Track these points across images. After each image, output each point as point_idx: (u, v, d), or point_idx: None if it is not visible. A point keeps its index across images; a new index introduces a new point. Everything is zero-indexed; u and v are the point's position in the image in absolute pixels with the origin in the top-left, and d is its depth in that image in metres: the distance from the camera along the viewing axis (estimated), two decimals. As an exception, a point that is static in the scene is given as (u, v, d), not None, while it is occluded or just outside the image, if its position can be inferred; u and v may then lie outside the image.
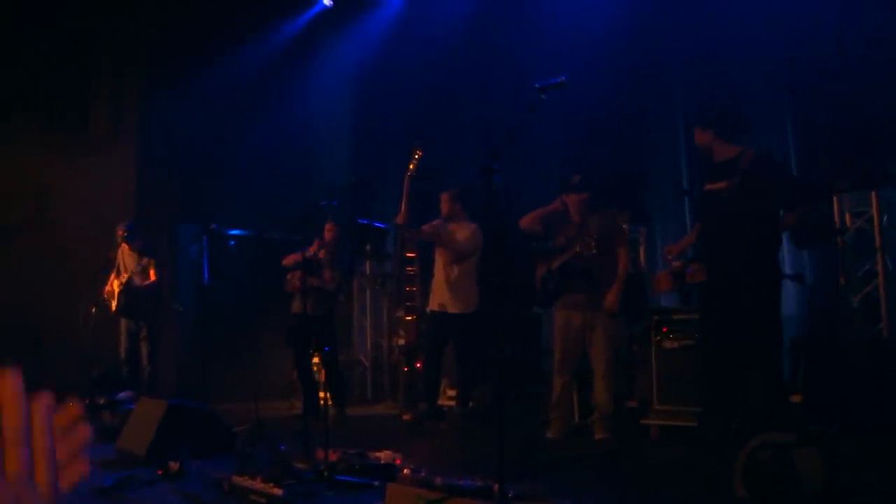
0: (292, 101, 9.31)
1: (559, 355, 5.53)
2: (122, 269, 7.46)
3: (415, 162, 5.98)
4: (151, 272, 7.39)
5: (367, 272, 8.90)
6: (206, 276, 7.80)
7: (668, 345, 5.51)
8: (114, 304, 7.36)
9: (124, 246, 7.46)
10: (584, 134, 7.50)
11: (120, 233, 7.38)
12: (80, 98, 9.10)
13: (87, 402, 6.24)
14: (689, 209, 6.79)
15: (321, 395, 6.70)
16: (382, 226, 8.52)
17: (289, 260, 6.81)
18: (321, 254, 6.72)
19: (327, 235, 6.82)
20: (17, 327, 7.50)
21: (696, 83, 7.04)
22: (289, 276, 6.78)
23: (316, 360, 7.14)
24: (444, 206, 6.35)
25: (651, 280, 5.97)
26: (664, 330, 5.53)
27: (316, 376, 7.10)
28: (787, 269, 5.80)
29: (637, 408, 5.62)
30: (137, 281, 7.36)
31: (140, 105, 8.95)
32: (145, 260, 7.42)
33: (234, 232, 8.61)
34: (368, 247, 8.26)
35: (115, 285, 7.40)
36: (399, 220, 6.10)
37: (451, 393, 6.91)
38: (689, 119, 6.72)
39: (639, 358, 5.66)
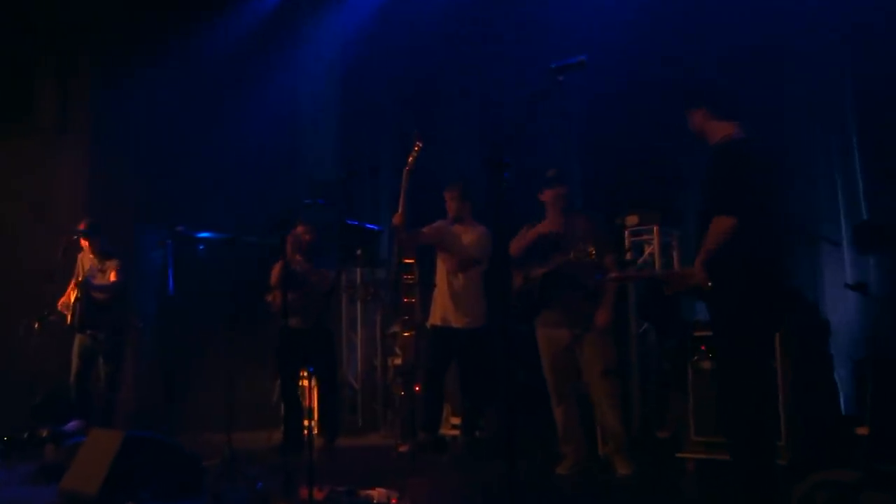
0: (272, 87, 9.29)
1: (550, 380, 5.50)
2: (80, 275, 7.40)
3: (414, 154, 5.97)
4: (112, 273, 7.32)
5: (358, 281, 8.85)
6: (171, 285, 7.72)
7: (706, 365, 5.41)
8: (70, 316, 7.29)
9: (86, 248, 7.39)
10: (607, 123, 7.44)
11: (81, 229, 7.30)
12: (20, 84, 9.04)
13: (27, 434, 6.17)
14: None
15: (305, 423, 6.64)
16: (375, 227, 8.49)
17: (275, 277, 6.76)
18: (296, 257, 6.67)
19: (304, 238, 6.77)
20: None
21: (734, 66, 6.97)
22: (269, 294, 6.75)
23: (305, 383, 7.08)
24: (451, 205, 6.33)
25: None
26: (702, 348, 5.44)
27: (302, 401, 7.04)
28: (849, 279, 5.72)
29: (670, 439, 5.55)
30: (95, 281, 7.27)
31: (92, 91, 8.92)
32: (107, 263, 7.36)
33: (203, 235, 8.49)
34: (359, 251, 8.20)
35: (72, 295, 7.34)
36: (396, 220, 6.07)
37: (455, 421, 6.92)
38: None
39: (672, 380, 5.58)
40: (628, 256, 6.44)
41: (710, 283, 3.80)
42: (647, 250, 6.56)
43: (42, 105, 9.13)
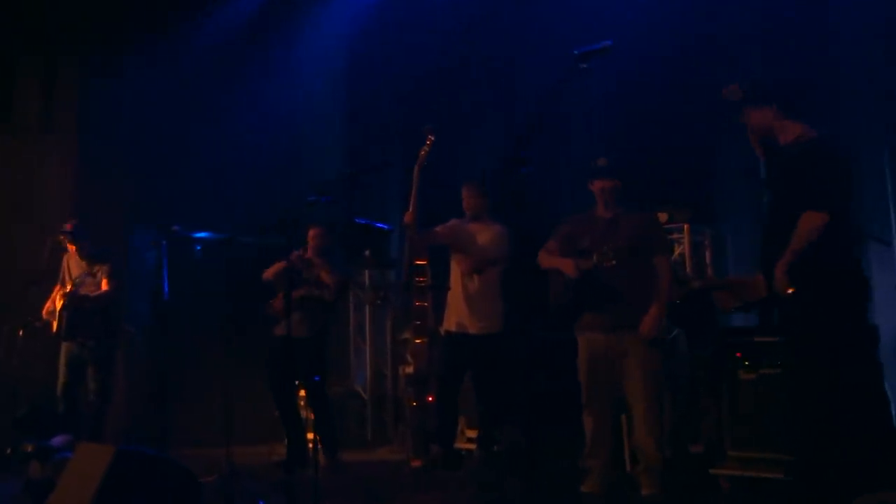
0: (271, 79, 9.30)
1: (585, 388, 5.41)
2: (67, 280, 7.38)
3: (426, 149, 5.96)
4: (104, 281, 7.30)
5: (366, 283, 8.83)
6: (166, 289, 7.72)
7: (744, 375, 5.35)
8: (55, 324, 7.27)
9: (72, 251, 7.38)
10: (634, 113, 7.40)
11: (67, 230, 7.29)
12: (1, 78, 9.03)
13: (10, 450, 6.14)
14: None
15: (309, 436, 6.63)
16: (385, 227, 8.47)
17: (270, 273, 6.73)
18: (307, 254, 6.65)
19: (313, 242, 6.75)
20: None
21: (772, 51, 6.92)
22: (272, 300, 6.73)
23: (302, 393, 7.06)
24: (468, 202, 6.30)
25: (715, 296, 5.86)
26: (738, 356, 5.37)
27: (303, 413, 7.02)
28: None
29: (704, 454, 5.49)
30: (84, 290, 7.26)
31: (78, 87, 8.90)
32: (96, 268, 7.34)
33: (200, 235, 8.50)
34: (367, 252, 8.18)
35: (58, 301, 7.32)
36: (407, 218, 6.05)
37: (471, 434, 6.88)
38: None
39: (706, 391, 5.52)
40: None
41: (790, 290, 3.80)
42: (677, 250, 6.51)
43: (25, 102, 9.13)
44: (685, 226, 6.47)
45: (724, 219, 7.11)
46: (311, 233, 6.82)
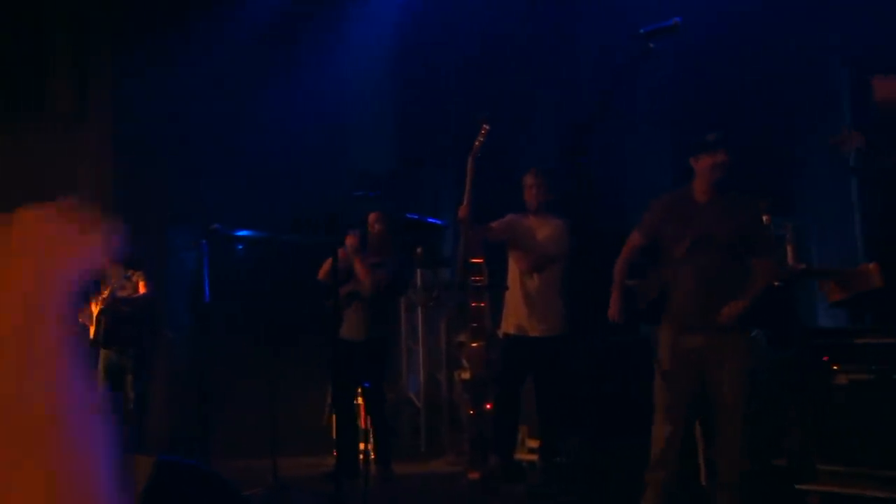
0: (319, 68, 9.32)
1: (662, 394, 5.23)
2: (103, 284, 7.48)
3: (481, 139, 5.96)
4: (141, 285, 7.40)
5: (418, 283, 8.83)
6: (207, 292, 7.77)
7: (833, 380, 5.24)
8: (92, 331, 7.38)
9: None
10: (705, 96, 7.30)
11: None
12: (32, 69, 9.18)
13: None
14: (858, 194, 6.57)
15: (361, 446, 6.66)
16: (437, 222, 8.46)
17: (322, 273, 6.76)
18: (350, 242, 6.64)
19: (373, 229, 6.76)
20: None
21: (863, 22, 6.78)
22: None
23: (359, 400, 7.09)
24: (531, 194, 6.27)
25: (821, 286, 5.74)
26: (826, 359, 5.27)
27: (357, 422, 7.06)
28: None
29: (788, 468, 5.39)
30: (122, 294, 7.35)
31: (112, 75, 9.02)
32: (132, 272, 7.43)
33: (242, 233, 8.57)
34: (419, 250, 8.18)
35: (94, 307, 7.42)
36: (461, 213, 6.05)
37: (533, 444, 6.84)
38: (860, 70, 6.44)
39: (789, 398, 5.42)
40: None
41: None
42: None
43: (58, 93, 9.26)
44: (765, 217, 6.34)
45: (807, 210, 6.97)
46: (372, 217, 6.82)
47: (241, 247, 7.98)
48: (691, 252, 4.98)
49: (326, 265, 6.78)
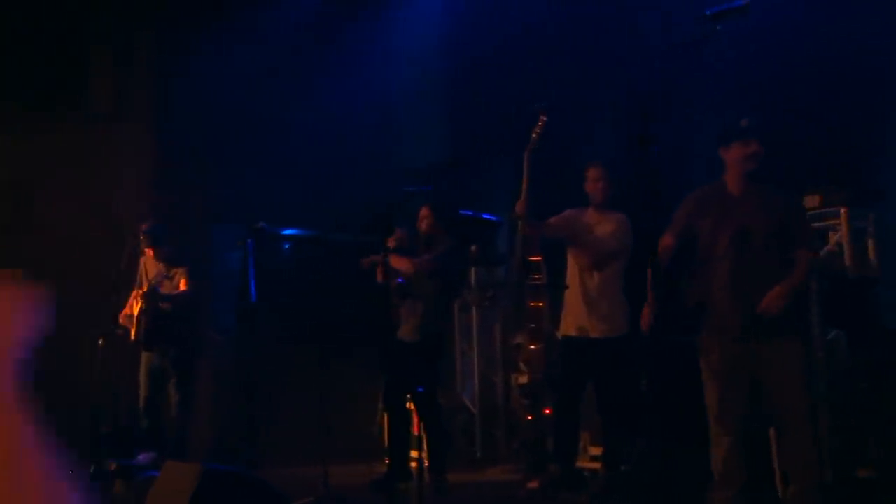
0: (367, 60, 9.36)
1: (713, 403, 5.16)
2: (144, 284, 7.57)
3: (538, 131, 5.93)
4: (182, 283, 7.47)
5: (472, 283, 8.81)
6: (253, 292, 7.83)
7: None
8: (133, 331, 7.46)
9: (149, 253, 7.57)
10: (779, 80, 7.20)
11: (142, 237, 7.48)
12: (73, 64, 9.31)
13: (93, 468, 6.32)
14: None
15: (413, 454, 6.65)
16: (492, 218, 8.44)
17: (380, 276, 6.76)
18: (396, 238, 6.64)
19: (422, 225, 6.74)
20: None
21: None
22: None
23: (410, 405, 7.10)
24: (594, 187, 6.23)
25: None
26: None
27: (410, 429, 7.06)
28: None
29: (875, 479, 5.30)
30: (163, 290, 7.42)
31: (154, 73, 9.12)
32: (174, 270, 7.51)
33: (288, 232, 8.63)
34: (473, 247, 8.17)
35: (135, 306, 7.51)
36: (518, 208, 6.03)
37: (595, 451, 6.79)
38: None
39: (875, 404, 5.32)
40: None
41: None
42: (833, 238, 6.30)
43: (99, 92, 9.39)
44: (843, 210, 6.24)
45: (891, 200, 6.83)
46: (422, 212, 6.81)
47: (287, 245, 8.03)
48: (730, 249, 4.92)
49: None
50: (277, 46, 8.94)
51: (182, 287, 7.48)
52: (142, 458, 6.68)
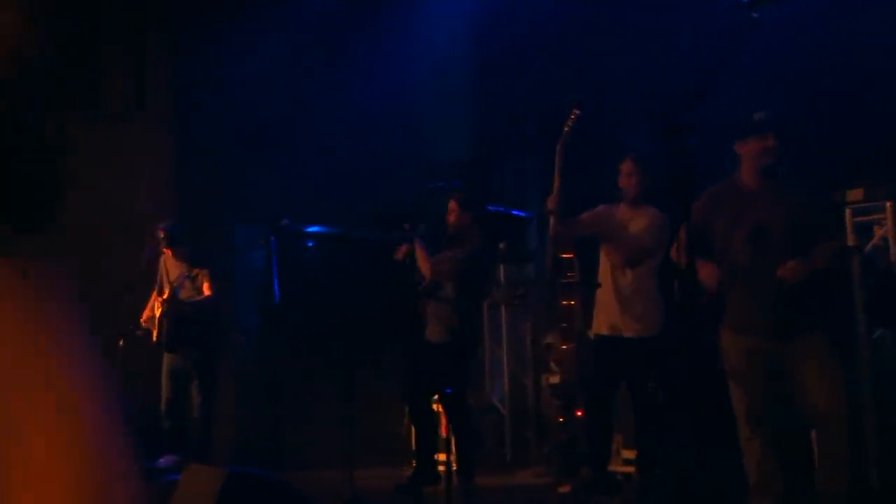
0: (390, 49, 9.35)
1: (741, 406, 5.13)
2: (165, 285, 7.60)
3: (570, 124, 5.91)
4: (205, 285, 7.49)
5: (502, 281, 8.80)
6: (276, 291, 7.86)
7: None
8: (155, 333, 7.50)
9: (168, 254, 7.60)
10: (818, 70, 7.13)
11: (161, 235, 7.51)
12: (88, 59, 9.33)
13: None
14: None
15: (441, 457, 6.66)
16: (522, 214, 8.42)
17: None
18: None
19: (450, 218, 6.73)
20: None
21: None
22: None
23: (437, 406, 7.10)
24: (627, 182, 6.21)
25: None
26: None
27: (437, 431, 7.07)
28: None
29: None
30: (184, 295, 7.45)
31: (172, 69, 9.15)
32: (196, 271, 7.53)
33: (312, 230, 8.67)
34: (503, 244, 8.16)
35: (157, 308, 7.54)
36: (550, 203, 6.00)
37: (628, 454, 6.81)
38: None
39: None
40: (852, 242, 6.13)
41: None
42: (878, 233, 6.23)
43: (113, 88, 9.42)
44: (888, 204, 6.17)
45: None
46: (451, 205, 6.79)
47: (311, 244, 8.06)
48: (747, 245, 4.88)
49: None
50: (299, 42, 8.95)
51: (206, 291, 7.49)
52: (164, 461, 6.71)
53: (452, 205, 6.80)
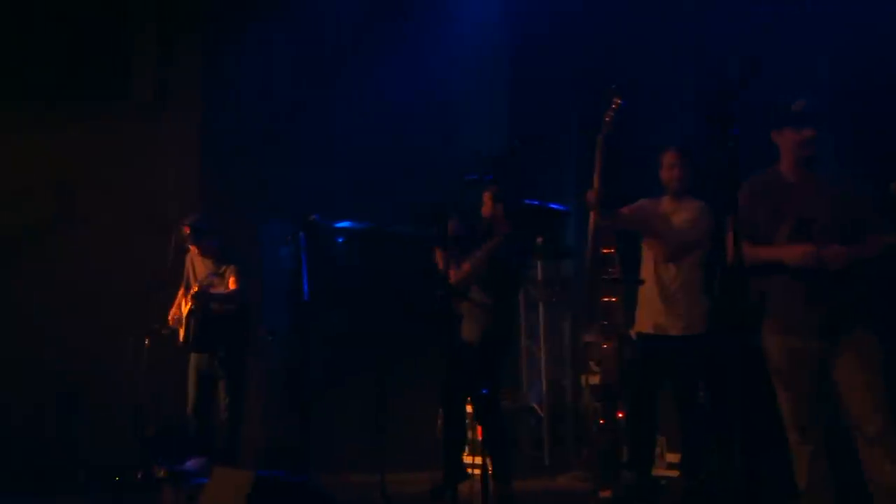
0: (423, 40, 9.36)
1: (789, 409, 5.08)
2: (192, 282, 7.63)
3: (611, 114, 5.90)
4: (231, 280, 7.51)
5: (539, 277, 8.77)
6: (306, 289, 7.85)
7: None
8: (182, 333, 7.53)
9: (194, 250, 7.62)
10: (871, 53, 7.06)
11: (186, 231, 7.54)
12: (117, 55, 9.40)
13: (141, 474, 6.39)
14: None
15: (477, 460, 6.65)
16: (560, 208, 8.38)
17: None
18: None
19: (484, 210, 6.72)
20: (37, 370, 7.81)
21: None
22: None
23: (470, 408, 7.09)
24: (670, 174, 6.18)
25: None
26: None
27: (465, 432, 7.06)
28: None
29: None
30: (213, 290, 7.47)
31: (199, 62, 9.19)
32: (223, 268, 7.56)
33: (343, 225, 8.67)
34: (540, 239, 8.13)
35: (184, 306, 7.57)
36: (590, 197, 5.97)
37: (672, 458, 6.79)
38: None
39: None
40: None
41: None
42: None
43: (141, 84, 9.47)
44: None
45: None
46: (486, 196, 6.76)
47: (342, 239, 8.06)
48: (791, 241, 4.83)
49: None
50: (332, 30, 8.96)
51: (233, 285, 7.51)
52: (190, 463, 6.74)
53: (486, 197, 6.79)
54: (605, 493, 6.14)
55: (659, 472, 6.71)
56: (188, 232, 7.55)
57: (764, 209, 4.99)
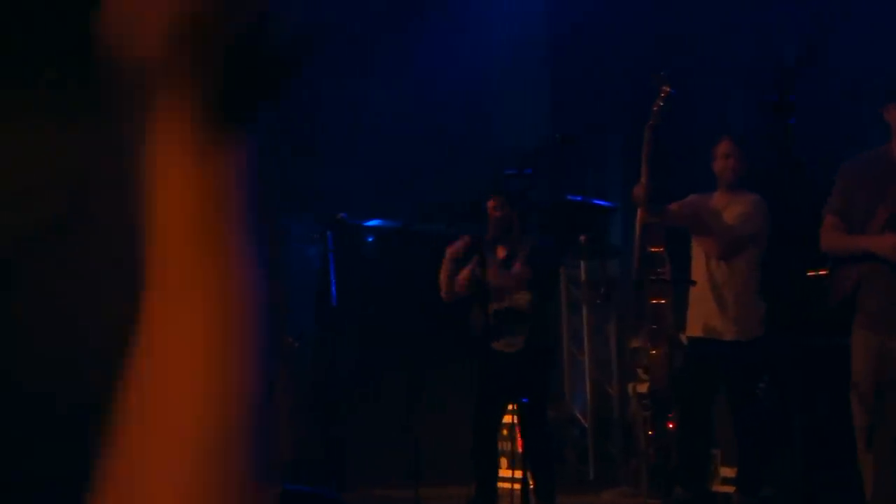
0: (458, 29, 9.39)
1: (861, 411, 5.08)
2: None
3: (659, 104, 5.91)
4: None
5: (583, 278, 8.76)
6: (334, 292, 7.90)
7: None
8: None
9: None
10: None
11: None
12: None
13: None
14: None
15: (508, 473, 6.66)
16: (605, 204, 8.39)
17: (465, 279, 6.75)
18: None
19: (493, 215, 6.68)
20: (53, 379, 7.83)
21: None
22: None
23: (507, 419, 7.07)
24: (726, 165, 6.13)
25: None
26: None
27: (496, 446, 7.07)
28: None
29: None
30: None
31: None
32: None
33: (372, 223, 8.72)
34: (583, 237, 8.10)
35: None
36: (637, 192, 6.01)
37: (728, 472, 6.72)
38: None
39: None
40: None
41: None
42: None
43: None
44: None
45: None
46: (490, 203, 6.72)
47: (371, 239, 8.09)
48: (888, 228, 4.75)
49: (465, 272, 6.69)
50: (361, 15, 8.98)
51: None
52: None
53: (492, 203, 6.73)
54: (655, 509, 6.18)
55: (714, 487, 6.72)
56: None
57: (865, 192, 4.94)
